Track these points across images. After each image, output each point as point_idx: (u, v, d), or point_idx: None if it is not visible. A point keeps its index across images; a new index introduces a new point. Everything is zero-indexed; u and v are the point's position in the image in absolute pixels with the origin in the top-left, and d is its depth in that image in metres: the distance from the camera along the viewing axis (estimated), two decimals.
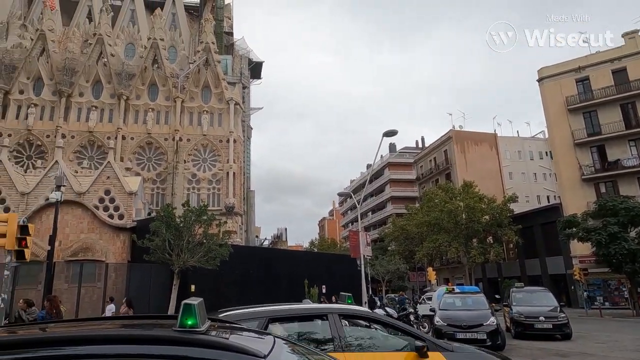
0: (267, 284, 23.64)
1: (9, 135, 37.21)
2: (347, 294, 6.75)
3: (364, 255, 21.47)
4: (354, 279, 24.80)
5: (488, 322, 12.11)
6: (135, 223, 23.34)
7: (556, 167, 38.36)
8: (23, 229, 11.04)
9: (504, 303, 17.90)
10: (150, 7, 48.94)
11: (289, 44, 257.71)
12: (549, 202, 47.57)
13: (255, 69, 53.26)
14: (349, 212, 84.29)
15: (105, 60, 42.27)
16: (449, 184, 43.37)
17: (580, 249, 31.33)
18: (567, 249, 33.32)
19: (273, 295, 22.33)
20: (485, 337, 11.72)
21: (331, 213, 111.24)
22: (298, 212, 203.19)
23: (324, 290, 25.87)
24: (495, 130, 54.70)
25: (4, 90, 38.98)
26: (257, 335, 2.50)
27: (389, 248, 51.66)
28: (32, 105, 39.58)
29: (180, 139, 41.25)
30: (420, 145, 71.34)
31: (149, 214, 32.11)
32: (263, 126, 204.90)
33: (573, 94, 36.09)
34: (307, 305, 6.22)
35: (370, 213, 70.86)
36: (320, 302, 17.25)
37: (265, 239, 61.71)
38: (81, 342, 1.84)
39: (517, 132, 57.07)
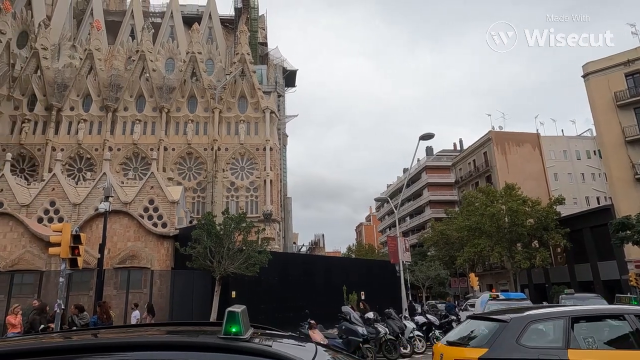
0: (305, 290, 23.70)
1: (62, 150, 39.56)
2: (631, 295, 7.08)
3: (403, 261, 21.11)
4: (393, 285, 24.41)
5: None
6: (178, 231, 24.11)
7: (606, 167, 36.29)
8: (76, 238, 11.68)
9: None
10: (188, 23, 50.78)
11: (322, 51, 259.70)
12: (599, 203, 45.05)
13: (289, 78, 54.01)
14: (386, 217, 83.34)
15: (148, 75, 44.20)
16: (489, 187, 41.99)
17: (635, 252, 29.42)
18: (621, 253, 31.36)
19: (312, 301, 22.40)
20: None
21: (368, 218, 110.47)
22: (334, 218, 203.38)
23: (362, 297, 25.62)
24: (537, 130, 52.68)
25: (57, 108, 41.55)
26: (298, 343, 2.52)
27: (429, 253, 50.57)
28: (82, 120, 41.95)
29: (219, 149, 42.36)
30: (458, 147, 69.63)
31: (190, 222, 33.09)
32: (298, 133, 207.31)
33: (622, 88, 34.12)
34: (603, 306, 6.86)
35: (408, 218, 69.76)
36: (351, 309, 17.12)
37: (303, 245, 62.05)
38: (130, 348, 1.92)
39: (562, 131, 54.76)
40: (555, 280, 37.78)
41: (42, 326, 10.72)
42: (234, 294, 20.28)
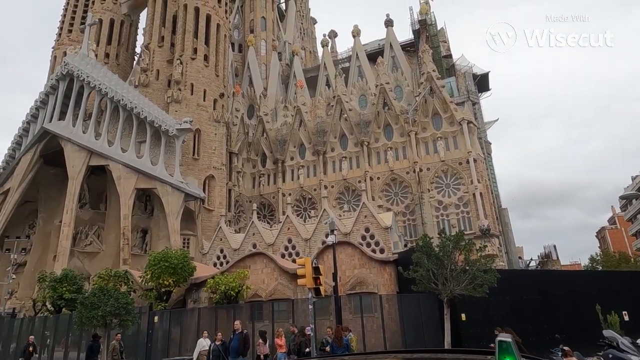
0: (543, 310, 20.93)
1: (290, 194, 46.61)
2: None
3: None
4: None
5: None
6: (397, 256, 24.91)
7: None
8: (316, 270, 13.41)
9: None
10: (373, 59, 54.02)
11: (514, 42, 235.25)
12: None
13: (482, 82, 50.88)
14: (638, 216, 67.24)
15: (346, 115, 48.57)
16: None
17: None
18: None
19: (553, 323, 19.58)
20: None
21: (612, 221, 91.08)
22: (564, 225, 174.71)
23: (626, 318, 20.88)
24: None
25: (281, 160, 49.69)
26: None
27: None
28: (300, 167, 48.85)
29: (420, 170, 42.55)
30: None
31: (405, 245, 33.80)
32: (502, 138, 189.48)
33: None
34: None
35: None
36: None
37: (532, 259, 55.19)
38: None
39: None
40: None
41: (307, 349, 12.55)
42: (463, 316, 19.46)
